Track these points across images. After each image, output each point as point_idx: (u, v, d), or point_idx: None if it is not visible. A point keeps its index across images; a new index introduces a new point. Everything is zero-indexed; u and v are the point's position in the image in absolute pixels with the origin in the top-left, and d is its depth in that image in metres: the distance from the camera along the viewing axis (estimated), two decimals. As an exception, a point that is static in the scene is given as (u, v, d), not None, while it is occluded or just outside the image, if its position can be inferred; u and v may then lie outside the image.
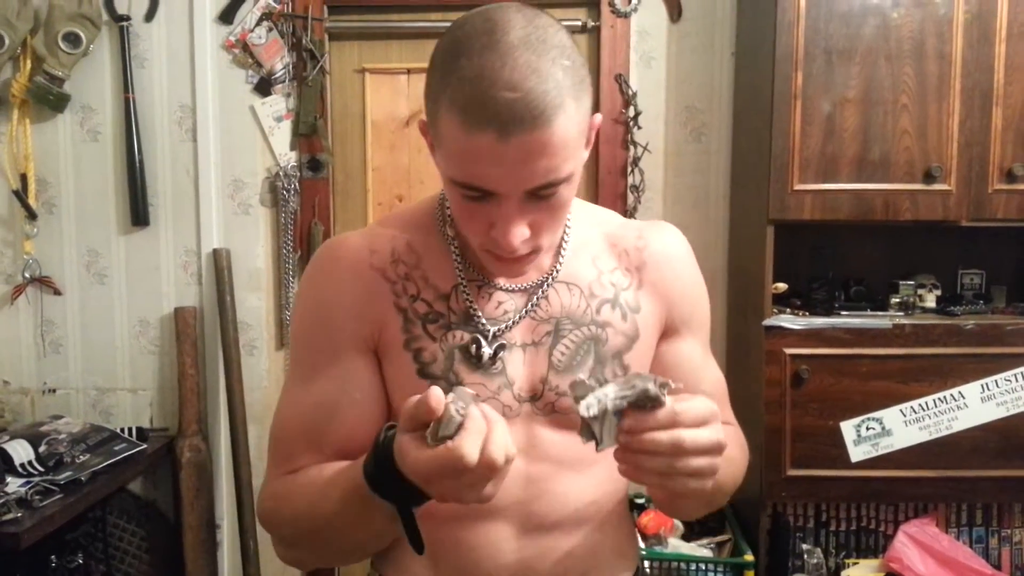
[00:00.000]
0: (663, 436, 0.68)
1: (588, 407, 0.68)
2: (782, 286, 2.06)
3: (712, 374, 1.01)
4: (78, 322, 2.58)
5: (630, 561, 0.99)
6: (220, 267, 2.49)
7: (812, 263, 2.25)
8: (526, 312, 0.91)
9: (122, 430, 2.42)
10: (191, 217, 2.53)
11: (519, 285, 0.92)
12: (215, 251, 2.49)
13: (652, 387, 0.68)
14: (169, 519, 2.55)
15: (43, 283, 2.54)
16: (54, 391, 2.59)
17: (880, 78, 1.93)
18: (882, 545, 2.03)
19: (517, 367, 0.90)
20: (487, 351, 0.88)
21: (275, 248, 2.56)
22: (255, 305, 2.56)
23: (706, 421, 0.70)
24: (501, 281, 0.91)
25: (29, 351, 2.59)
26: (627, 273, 0.94)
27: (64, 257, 2.56)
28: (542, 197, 0.78)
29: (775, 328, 1.97)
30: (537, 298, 0.91)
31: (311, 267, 0.94)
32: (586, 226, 0.97)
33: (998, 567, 1.99)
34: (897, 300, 2.09)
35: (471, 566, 0.88)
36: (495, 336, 0.89)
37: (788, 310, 2.06)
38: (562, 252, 0.93)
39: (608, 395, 0.68)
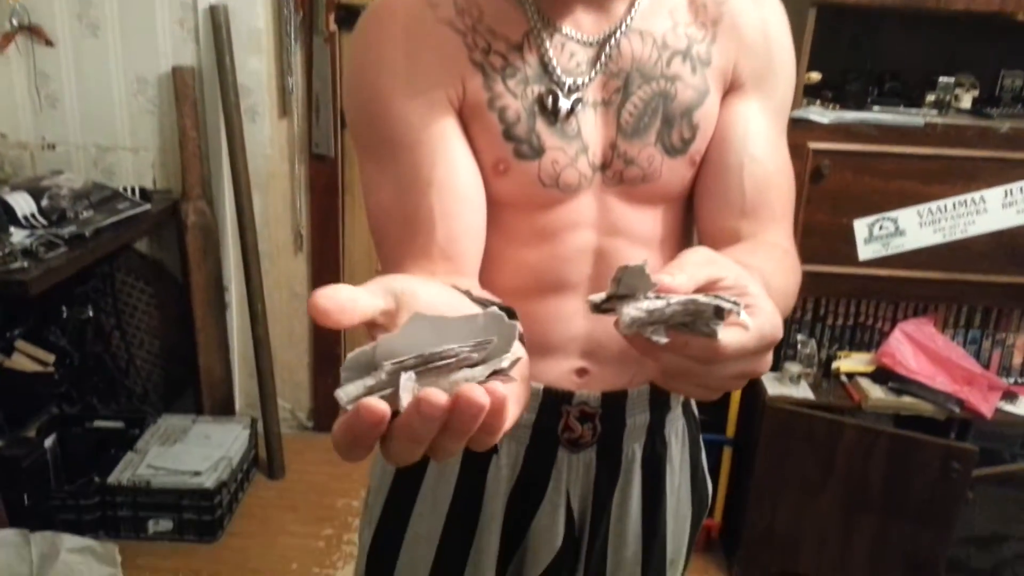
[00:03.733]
0: (699, 368, 0.56)
1: (630, 321, 0.53)
2: (815, 76, 1.94)
3: (769, 156, 0.86)
4: (73, 76, 2.48)
5: None
6: (218, 25, 2.34)
7: (849, 55, 2.11)
8: (599, 66, 0.82)
9: (125, 189, 2.39)
10: (185, -32, 2.34)
11: (591, 37, 0.83)
12: (212, 7, 2.34)
13: (705, 325, 0.53)
14: (177, 279, 2.59)
15: (33, 32, 2.41)
16: (53, 147, 2.53)
17: None
18: (876, 341, 2.08)
19: (590, 129, 0.83)
20: (564, 104, 0.80)
21: (275, 7, 2.40)
22: (255, 68, 2.44)
23: (756, 354, 0.57)
24: (571, 29, 0.82)
25: (25, 104, 2.50)
26: (702, 27, 0.85)
27: (54, 6, 2.41)
28: None
29: (802, 120, 1.88)
30: (609, 48, 0.82)
31: (362, 34, 0.81)
32: None
33: (987, 367, 2.05)
34: (932, 98, 1.99)
35: (541, 337, 0.86)
36: (570, 90, 0.81)
37: (818, 102, 1.96)
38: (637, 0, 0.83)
39: (655, 309, 0.53)
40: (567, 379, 0.88)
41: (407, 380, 0.44)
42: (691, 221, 0.90)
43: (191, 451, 2.28)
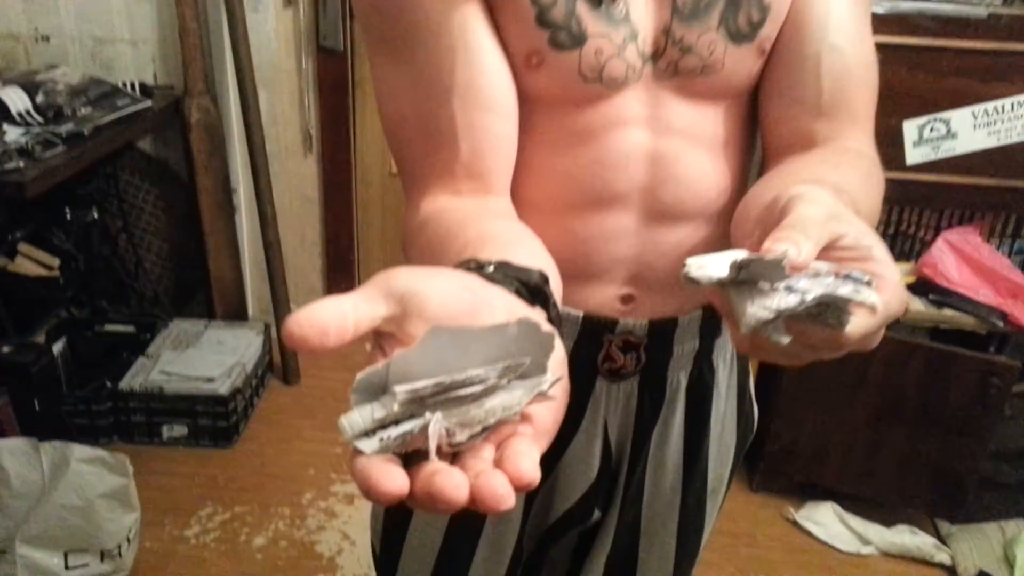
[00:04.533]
0: (807, 353, 0.49)
1: (754, 323, 0.44)
2: (869, -42, 1.77)
3: (851, 46, 0.73)
4: (62, -41, 2.31)
5: None
6: (216, -100, 2.15)
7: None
8: None
9: (124, 85, 2.26)
10: None
11: None
12: None
13: (835, 317, 0.45)
14: (183, 180, 2.49)
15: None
16: (47, 39, 2.39)
17: None
18: (918, 251, 1.97)
19: (640, 11, 0.70)
20: None
21: None
22: (257, -50, 2.27)
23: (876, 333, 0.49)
24: None
25: (13, -9, 2.35)
26: None
27: None
28: None
29: (853, 8, 1.72)
30: None
31: None
32: None
33: (1030, 279, 1.95)
34: (996, -15, 1.82)
35: (583, 259, 0.76)
36: None
37: (872, -13, 1.79)
38: None
39: (784, 309, 0.44)
40: (610, 306, 0.78)
41: (435, 424, 0.37)
42: (755, 122, 0.79)
43: (204, 357, 2.24)
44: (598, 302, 0.77)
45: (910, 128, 1.81)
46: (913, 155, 1.83)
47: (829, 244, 0.48)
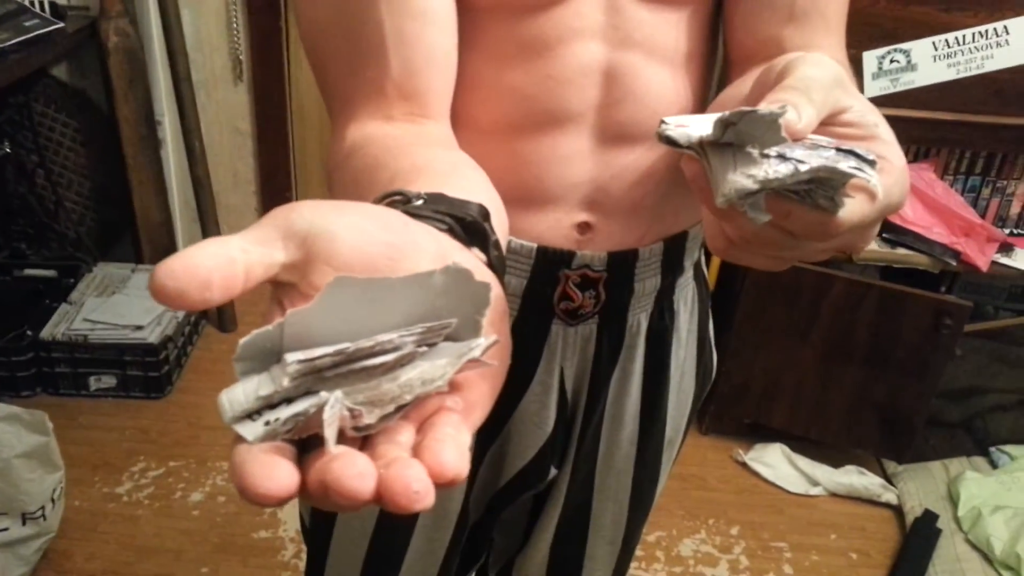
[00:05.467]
0: (790, 242, 0.41)
1: (734, 193, 0.36)
2: None
3: None
4: None
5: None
6: None
7: None
8: None
9: (32, 3, 2.07)
10: None
11: None
12: None
13: (827, 197, 0.37)
14: (103, 112, 2.31)
15: None
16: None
17: None
18: (873, 188, 1.94)
19: None
20: None
21: None
22: None
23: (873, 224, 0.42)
24: None
25: None
26: None
27: None
28: None
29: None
30: None
31: None
32: None
33: (983, 216, 1.93)
34: (961, -92, 1.74)
35: (534, 185, 0.68)
36: None
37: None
38: None
39: (773, 179, 0.35)
40: (566, 236, 0.70)
41: (334, 405, 0.29)
42: (718, 32, 0.71)
43: (131, 303, 2.11)
44: (552, 232, 0.70)
45: (869, 59, 1.75)
46: (871, 87, 1.77)
47: (830, 117, 0.41)
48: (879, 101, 1.77)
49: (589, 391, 0.78)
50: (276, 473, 0.27)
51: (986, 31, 1.73)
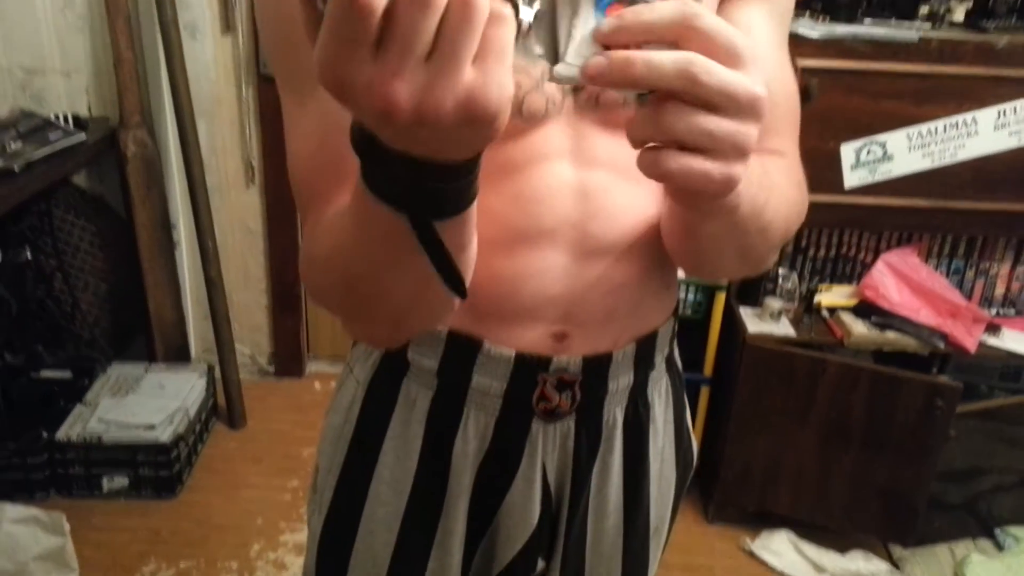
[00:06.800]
0: (665, 56, 0.44)
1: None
2: (805, -13, 1.80)
3: (771, 67, 0.73)
4: (-9, -9, 2.24)
5: (674, 292, 0.87)
6: (148, -71, 2.11)
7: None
8: None
9: (57, 117, 2.20)
10: None
11: None
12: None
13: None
14: (120, 216, 2.42)
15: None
16: (-26, 71, 2.31)
17: None
18: (859, 273, 2.00)
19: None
20: (526, 15, 0.65)
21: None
22: (193, -23, 2.23)
23: (735, 52, 0.45)
24: None
25: (-64, 22, 2.27)
26: None
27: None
28: None
29: (791, 35, 1.74)
30: None
31: None
32: None
33: (969, 298, 1.98)
34: (925, 10, 1.86)
35: (512, 298, 0.73)
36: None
37: (808, 13, 1.82)
38: None
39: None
40: (543, 344, 0.75)
41: None
42: None
43: (145, 402, 2.16)
44: (530, 341, 0.75)
45: (847, 151, 1.83)
46: (851, 178, 1.85)
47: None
48: (860, 191, 1.85)
49: (572, 484, 0.82)
50: None
51: (956, 122, 1.81)
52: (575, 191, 0.72)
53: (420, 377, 0.79)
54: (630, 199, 0.73)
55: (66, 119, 2.20)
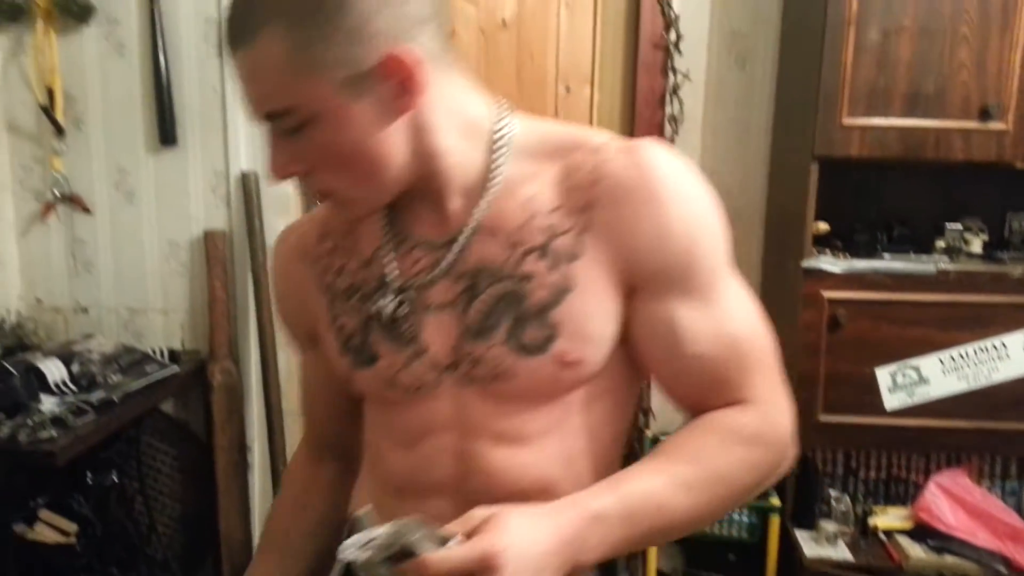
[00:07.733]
0: None
1: (342, 551, 0.62)
2: (824, 226, 1.98)
3: (709, 343, 0.80)
4: (108, 241, 2.57)
5: None
6: (249, 191, 2.45)
7: (855, 203, 2.16)
8: (447, 268, 0.82)
9: (153, 351, 2.43)
10: (219, 137, 2.47)
11: (439, 239, 0.83)
12: (243, 174, 2.46)
13: (410, 547, 0.63)
14: (201, 440, 2.58)
15: (73, 201, 2.52)
16: (86, 310, 2.60)
17: (939, 5, 1.81)
18: (911, 494, 2.00)
19: (432, 332, 0.83)
20: (386, 309, 0.84)
21: (304, 172, 2.51)
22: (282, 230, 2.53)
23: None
24: (420, 234, 0.84)
25: (61, 270, 2.59)
26: (571, 214, 0.79)
27: (93, 175, 2.53)
28: (289, 130, 0.75)
29: (814, 271, 1.90)
30: (457, 248, 0.81)
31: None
32: (532, 159, 0.82)
33: (1028, 519, 1.96)
34: (943, 244, 2.00)
35: None
36: (402, 296, 0.84)
37: (828, 251, 1.98)
38: (484, 195, 0.81)
39: (364, 542, 0.63)
40: None
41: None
42: (593, 412, 0.86)
43: (208, 623, 2.20)
44: None
45: (883, 375, 1.92)
46: (891, 401, 1.92)
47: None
48: (903, 413, 1.90)
49: None
50: None
51: (986, 347, 1.90)
52: (455, 455, 0.85)
53: None
54: (512, 460, 0.84)
55: (162, 353, 2.42)
